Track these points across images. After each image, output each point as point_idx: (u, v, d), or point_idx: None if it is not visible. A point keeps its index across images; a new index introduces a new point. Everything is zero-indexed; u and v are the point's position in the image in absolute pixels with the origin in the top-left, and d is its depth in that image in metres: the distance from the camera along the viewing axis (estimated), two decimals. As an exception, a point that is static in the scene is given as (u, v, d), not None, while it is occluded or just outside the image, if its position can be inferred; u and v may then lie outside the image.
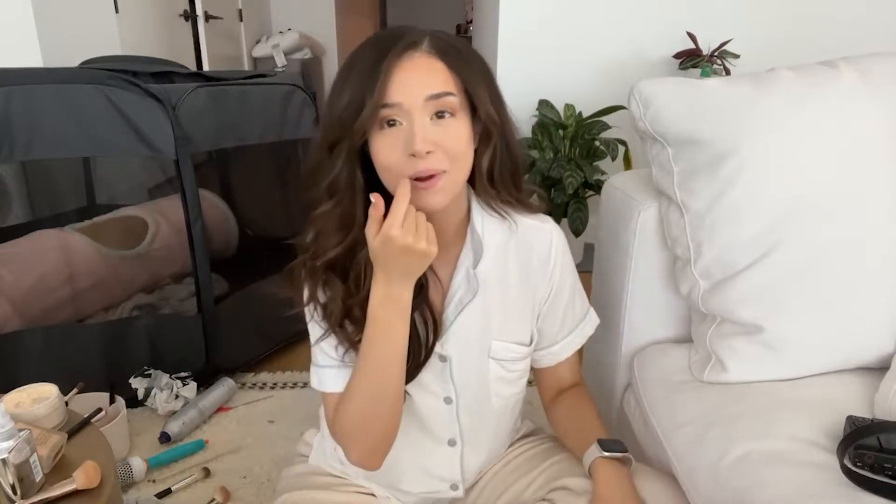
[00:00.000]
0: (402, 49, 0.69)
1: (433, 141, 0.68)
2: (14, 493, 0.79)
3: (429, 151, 0.68)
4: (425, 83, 0.69)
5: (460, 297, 0.82)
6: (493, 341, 0.85)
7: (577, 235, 2.45)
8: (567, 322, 0.91)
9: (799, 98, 0.92)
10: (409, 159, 0.68)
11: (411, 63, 0.69)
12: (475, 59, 0.74)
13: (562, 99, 2.60)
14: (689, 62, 2.49)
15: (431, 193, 0.70)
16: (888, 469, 0.70)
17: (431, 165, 0.69)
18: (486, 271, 0.81)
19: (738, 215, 0.92)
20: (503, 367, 0.87)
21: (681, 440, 0.91)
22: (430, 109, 0.69)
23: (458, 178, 0.73)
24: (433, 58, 0.70)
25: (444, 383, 0.85)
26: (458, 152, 0.71)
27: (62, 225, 1.80)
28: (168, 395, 1.58)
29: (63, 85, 1.45)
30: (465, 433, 0.89)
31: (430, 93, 0.68)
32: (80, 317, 1.72)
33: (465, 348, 0.84)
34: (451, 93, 0.69)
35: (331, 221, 0.74)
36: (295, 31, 4.67)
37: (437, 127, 0.69)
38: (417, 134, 0.67)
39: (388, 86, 0.67)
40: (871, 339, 0.92)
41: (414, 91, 0.68)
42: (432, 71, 0.69)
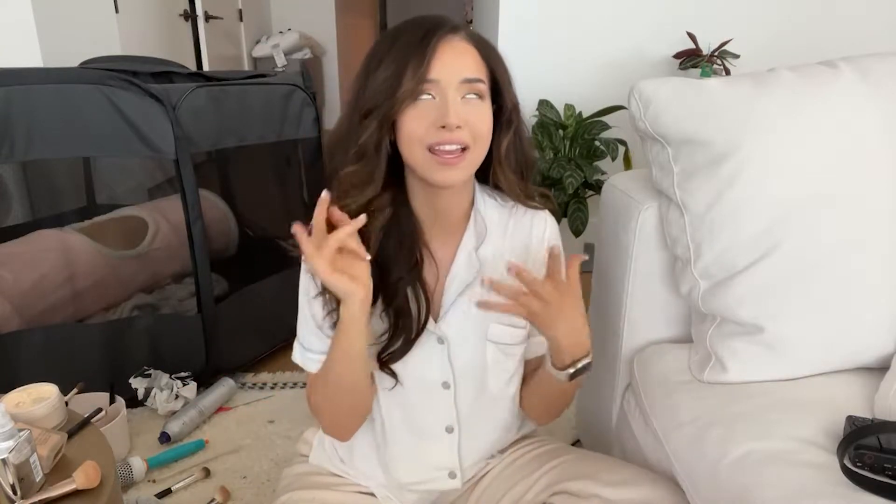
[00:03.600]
0: (446, 32, 0.75)
1: (464, 118, 0.74)
2: (14, 493, 0.79)
3: (458, 126, 0.73)
4: (463, 66, 0.75)
5: (462, 278, 0.85)
6: (491, 324, 0.86)
7: (577, 235, 2.45)
8: None
9: (799, 98, 0.92)
10: (437, 131, 0.74)
11: (451, 45, 0.75)
12: (500, 54, 0.81)
13: (562, 99, 2.60)
14: (689, 62, 2.49)
15: (455, 170, 0.76)
16: (888, 469, 0.70)
17: (459, 138, 0.74)
18: (489, 254, 0.85)
19: (737, 215, 0.92)
20: (500, 350, 0.88)
21: (681, 440, 0.91)
22: (462, 90, 0.75)
23: (477, 158, 0.78)
24: (470, 44, 0.77)
25: (442, 366, 0.86)
26: (482, 132, 0.77)
27: (62, 225, 1.80)
28: (168, 395, 1.58)
29: (63, 85, 1.45)
30: (462, 420, 0.90)
31: (465, 76, 0.75)
32: (80, 317, 1.72)
33: (464, 330, 0.86)
34: (481, 79, 0.76)
35: (355, 179, 0.78)
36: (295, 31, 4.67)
37: (466, 106, 0.75)
38: (451, 108, 0.73)
39: (432, 62, 0.74)
40: (871, 339, 0.92)
41: (453, 71, 0.74)
42: (469, 56, 0.76)
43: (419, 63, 0.73)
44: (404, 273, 0.81)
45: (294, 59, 4.69)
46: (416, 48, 0.74)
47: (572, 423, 1.56)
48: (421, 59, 0.73)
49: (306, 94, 1.92)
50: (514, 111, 0.82)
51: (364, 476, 0.95)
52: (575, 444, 1.43)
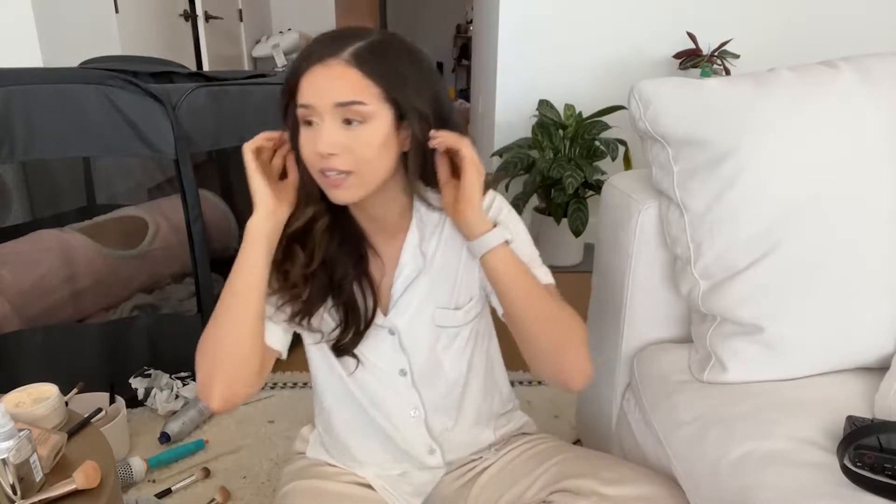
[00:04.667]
0: (320, 57, 0.74)
1: (340, 144, 0.74)
2: (14, 493, 0.79)
3: (332, 154, 0.74)
4: (334, 90, 0.73)
5: (408, 273, 0.87)
6: (436, 310, 0.89)
7: (577, 235, 2.45)
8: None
9: (799, 98, 0.92)
10: (317, 156, 0.75)
11: (325, 70, 0.74)
12: (409, 67, 0.77)
13: (562, 99, 2.60)
14: (689, 62, 2.49)
15: (342, 190, 0.77)
16: (888, 469, 0.70)
17: (333, 165, 0.75)
18: (433, 248, 0.88)
19: (737, 215, 0.92)
20: (448, 334, 0.90)
21: (681, 440, 0.91)
22: (339, 115, 0.74)
23: (367, 179, 0.77)
24: (349, 67, 0.73)
25: (396, 355, 0.90)
26: (365, 157, 0.75)
27: (62, 225, 1.80)
28: (168, 395, 1.58)
29: (63, 85, 1.45)
30: (426, 402, 0.93)
31: (337, 100, 0.73)
32: (80, 317, 1.72)
33: (413, 319, 0.89)
34: (359, 101, 0.73)
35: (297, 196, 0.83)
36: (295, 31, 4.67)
37: (346, 132, 0.74)
38: (323, 137, 0.74)
39: (302, 88, 0.75)
40: (871, 339, 0.92)
41: (323, 96, 0.74)
42: (345, 79, 0.73)
43: (292, 89, 0.76)
44: (350, 270, 0.85)
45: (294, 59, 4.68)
46: (292, 75, 0.76)
47: (572, 424, 1.56)
48: (293, 85, 0.76)
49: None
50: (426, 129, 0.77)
51: (360, 467, 0.97)
52: (575, 443, 1.43)
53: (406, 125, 0.77)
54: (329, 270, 0.85)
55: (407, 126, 0.77)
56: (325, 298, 0.86)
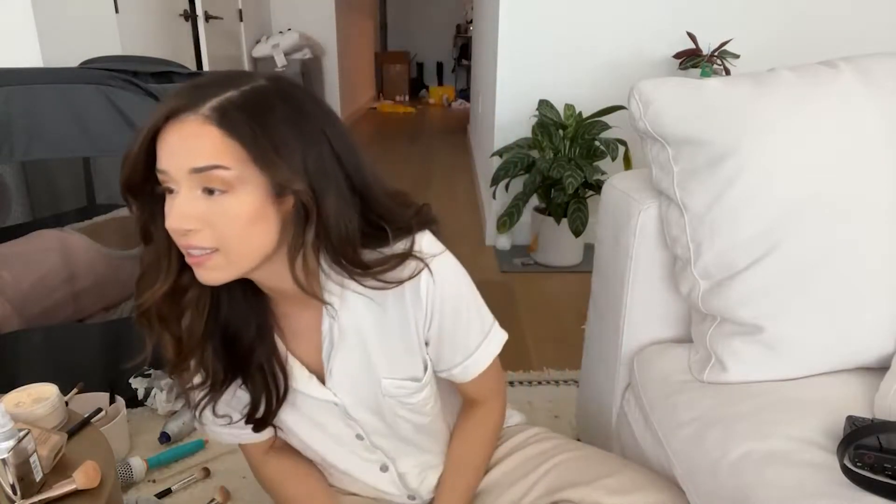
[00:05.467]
0: (173, 111, 0.62)
1: (197, 217, 0.62)
2: (14, 493, 0.79)
3: (188, 229, 0.62)
4: (189, 153, 0.61)
5: (329, 343, 0.78)
6: (381, 380, 0.81)
7: (577, 235, 2.45)
8: (460, 349, 0.82)
9: (799, 98, 0.92)
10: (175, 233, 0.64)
11: (179, 128, 0.61)
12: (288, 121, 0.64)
13: (562, 99, 2.60)
14: (689, 62, 2.49)
15: (208, 270, 0.65)
16: (888, 469, 0.70)
17: (192, 242, 0.63)
18: (351, 321, 0.77)
19: (737, 215, 0.92)
20: (400, 402, 0.82)
21: (681, 440, 0.91)
22: (197, 182, 0.62)
23: (235, 259, 0.65)
24: (208, 124, 0.61)
25: (348, 424, 0.85)
26: (228, 232, 0.63)
27: (62, 225, 1.80)
28: (168, 395, 1.58)
29: (63, 85, 1.45)
30: (392, 457, 0.90)
31: (192, 165, 0.61)
32: (80, 317, 1.72)
33: (355, 391, 0.82)
34: (220, 166, 0.61)
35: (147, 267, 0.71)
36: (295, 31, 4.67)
37: (207, 202, 0.62)
38: (173, 210, 0.62)
39: (159, 149, 0.63)
40: (871, 339, 0.92)
41: (177, 160, 0.62)
42: (200, 140, 0.61)
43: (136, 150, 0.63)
44: (254, 341, 0.77)
45: (294, 59, 4.69)
46: (140, 132, 0.63)
47: (572, 424, 1.56)
48: (137, 144, 0.63)
49: (306, 94, 1.92)
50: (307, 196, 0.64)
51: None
52: (575, 444, 1.43)
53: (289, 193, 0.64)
54: (227, 346, 0.76)
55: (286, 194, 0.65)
56: (232, 377, 0.78)
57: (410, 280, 0.73)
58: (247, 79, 0.65)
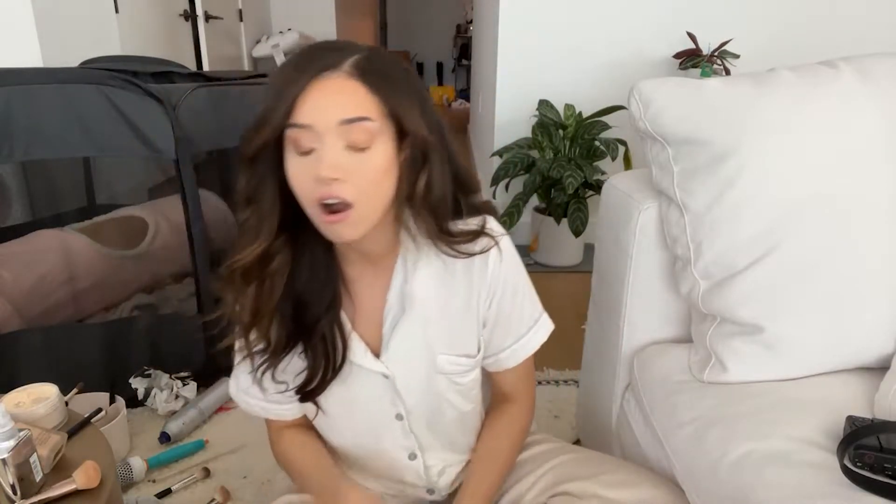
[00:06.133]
0: (319, 69, 0.65)
1: (343, 168, 0.66)
2: (14, 493, 0.79)
3: (335, 178, 0.66)
4: (339, 106, 0.65)
5: (394, 315, 0.81)
6: (437, 356, 0.83)
7: (577, 235, 2.45)
8: (512, 331, 0.87)
9: (799, 98, 0.92)
10: (317, 183, 0.66)
11: (325, 83, 0.65)
12: (405, 79, 0.70)
13: (562, 99, 2.60)
14: (689, 62, 2.49)
15: (343, 226, 0.69)
16: (888, 469, 0.70)
17: (335, 192, 0.66)
18: (421, 288, 0.79)
19: (737, 215, 0.92)
20: (451, 380, 0.85)
21: (681, 440, 0.91)
22: (343, 135, 0.66)
23: (368, 212, 0.70)
24: (352, 79, 0.66)
25: (392, 401, 0.85)
26: (369, 185, 0.68)
27: (62, 225, 1.80)
28: (168, 395, 1.58)
29: (63, 85, 1.45)
30: (423, 445, 0.89)
31: (343, 117, 0.65)
32: (80, 317, 1.72)
33: (409, 365, 0.83)
34: (366, 117, 0.66)
35: (246, 230, 0.75)
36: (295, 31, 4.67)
37: (349, 156, 0.66)
38: (325, 158, 0.65)
39: (299, 106, 0.65)
40: (871, 339, 0.92)
41: (326, 113, 0.65)
42: (348, 93, 0.66)
43: (280, 108, 0.65)
44: (321, 312, 0.78)
45: (294, 60, 4.68)
46: (280, 91, 0.66)
47: (572, 424, 1.56)
48: (283, 102, 0.65)
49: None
50: (426, 146, 0.70)
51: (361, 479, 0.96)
52: (575, 443, 1.43)
53: (404, 145, 0.70)
54: (297, 311, 0.78)
55: (405, 146, 0.70)
56: (293, 344, 0.80)
57: (481, 255, 0.78)
58: (359, 45, 0.70)
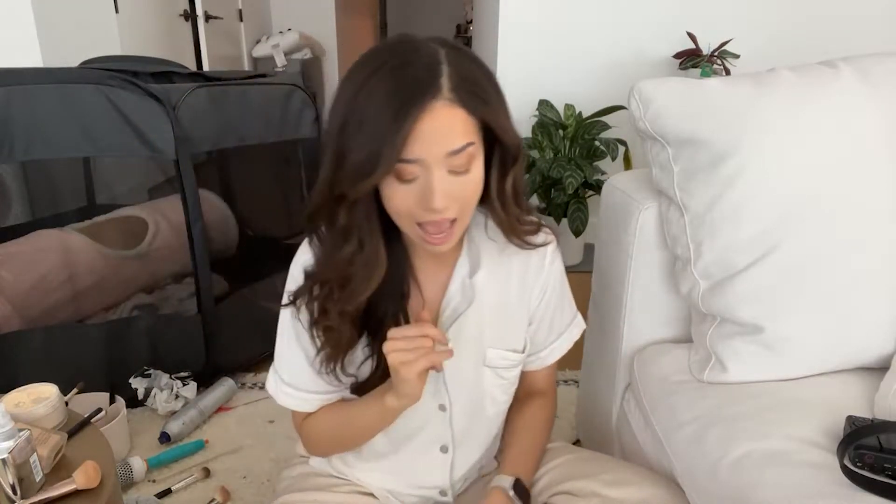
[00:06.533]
0: (420, 97, 0.64)
1: (452, 195, 0.68)
2: (14, 493, 0.79)
3: (447, 207, 0.68)
4: (447, 138, 0.66)
5: (455, 306, 0.82)
6: (487, 349, 0.85)
7: (577, 235, 2.45)
8: (555, 327, 0.92)
9: (799, 98, 0.92)
10: (424, 211, 0.68)
11: (432, 116, 0.64)
12: (492, 85, 0.70)
13: (562, 99, 2.60)
14: (689, 62, 2.49)
15: (444, 243, 0.72)
16: (888, 469, 0.70)
17: (445, 217, 0.69)
18: (483, 281, 0.82)
19: (737, 215, 0.92)
20: (497, 374, 0.87)
21: (681, 440, 0.91)
22: (448, 162, 0.67)
23: (465, 222, 0.74)
24: (455, 106, 0.65)
25: (437, 391, 0.85)
26: (470, 201, 0.72)
27: (62, 225, 1.80)
28: (168, 395, 1.58)
29: (63, 85, 1.45)
30: (457, 439, 0.89)
31: (451, 148, 0.66)
32: (80, 317, 1.72)
33: (460, 356, 0.82)
34: (471, 143, 0.67)
35: (355, 266, 0.73)
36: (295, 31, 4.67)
37: (454, 179, 0.68)
38: (437, 191, 0.66)
39: (409, 144, 0.64)
40: (871, 339, 0.92)
41: (435, 147, 0.65)
42: (454, 122, 0.66)
43: (393, 144, 0.64)
44: (390, 307, 0.79)
45: (294, 59, 4.69)
46: (387, 126, 0.63)
47: (572, 424, 1.56)
48: (394, 138, 0.63)
49: (306, 94, 1.92)
50: (516, 150, 0.73)
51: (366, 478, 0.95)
52: (575, 443, 1.43)
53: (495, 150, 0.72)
54: (368, 304, 0.78)
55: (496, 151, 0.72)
56: (358, 338, 0.80)
57: (538, 249, 0.83)
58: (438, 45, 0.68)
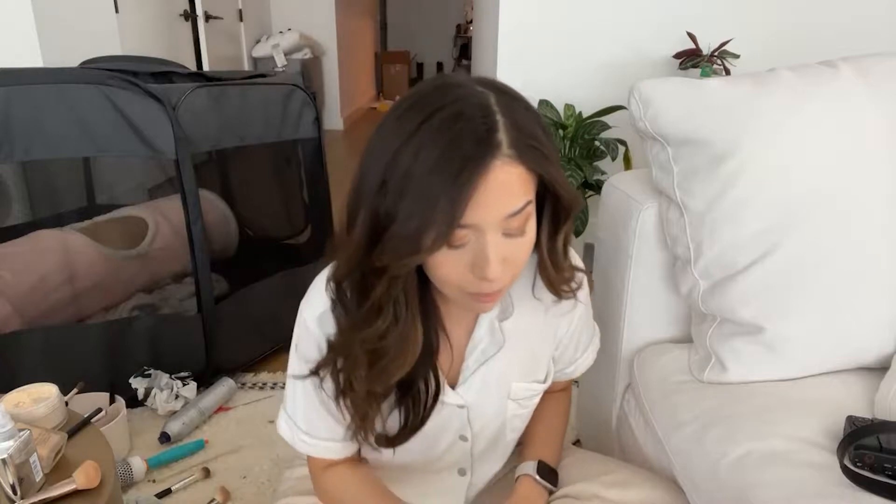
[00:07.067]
0: (483, 157, 0.56)
1: (504, 260, 0.61)
2: (14, 493, 0.79)
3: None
4: (506, 200, 0.59)
5: (483, 349, 0.78)
6: (512, 383, 0.82)
7: (576, 235, 2.45)
8: (581, 345, 0.91)
9: (799, 98, 0.92)
10: (476, 280, 0.61)
11: (492, 178, 0.57)
12: (546, 134, 0.62)
13: (562, 99, 2.60)
14: (689, 62, 2.49)
15: (491, 304, 0.67)
16: (888, 469, 0.70)
17: (499, 284, 0.63)
18: (512, 326, 0.78)
19: (738, 215, 0.92)
20: (520, 404, 0.85)
21: (681, 440, 0.91)
22: (504, 225, 0.60)
23: (513, 280, 0.66)
24: (514, 163, 0.58)
25: (461, 426, 0.82)
26: (522, 265, 0.65)
27: (62, 225, 1.80)
28: (168, 395, 1.58)
29: (63, 85, 1.45)
30: (475, 464, 0.88)
31: (510, 211, 0.59)
32: (80, 317, 1.72)
33: (485, 394, 0.80)
34: (529, 201, 0.61)
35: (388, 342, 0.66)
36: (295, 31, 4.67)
37: (508, 242, 0.61)
38: (492, 259, 0.59)
39: (469, 208, 0.57)
40: (871, 339, 0.92)
41: (494, 210, 0.58)
42: (513, 182, 0.58)
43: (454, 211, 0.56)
44: (420, 366, 0.72)
45: (294, 59, 4.69)
46: (449, 185, 0.55)
47: (572, 424, 1.56)
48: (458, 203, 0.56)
49: (306, 94, 1.92)
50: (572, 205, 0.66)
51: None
52: (575, 443, 1.43)
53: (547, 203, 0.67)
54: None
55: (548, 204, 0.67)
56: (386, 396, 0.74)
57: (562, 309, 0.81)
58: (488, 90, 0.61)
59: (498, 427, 0.86)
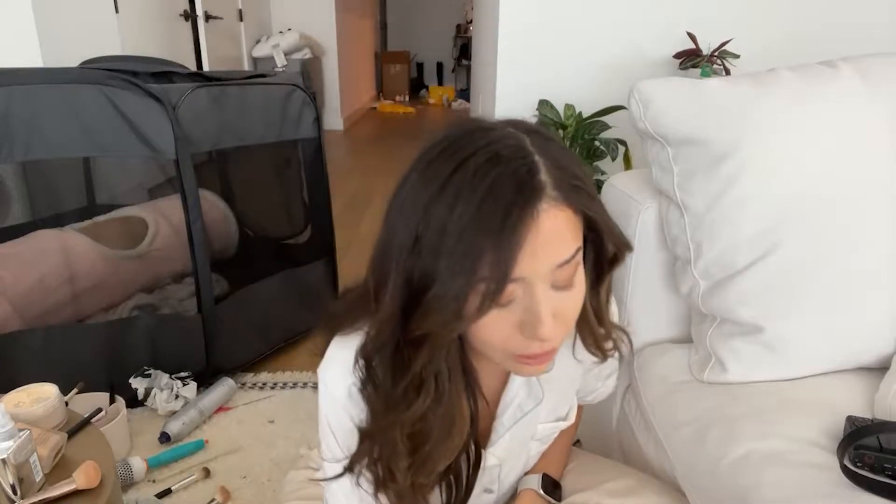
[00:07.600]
0: (529, 202, 0.51)
1: (556, 316, 0.55)
2: (14, 493, 0.79)
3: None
4: (557, 248, 0.53)
5: (520, 404, 0.73)
6: (538, 426, 0.78)
7: (577, 235, 2.45)
8: (601, 377, 0.89)
9: (799, 98, 0.92)
10: (525, 341, 0.55)
11: (540, 224, 0.51)
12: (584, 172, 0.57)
13: (562, 99, 2.60)
14: (689, 62, 2.49)
15: (543, 365, 0.59)
16: (888, 469, 0.70)
17: (553, 346, 0.57)
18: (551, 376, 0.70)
19: (738, 215, 0.92)
20: (542, 441, 0.83)
21: (681, 440, 0.91)
22: (553, 277, 0.54)
23: (564, 337, 0.60)
24: (561, 206, 0.53)
25: (490, 482, 0.79)
26: (573, 322, 0.59)
27: (62, 225, 1.80)
28: (168, 395, 1.58)
29: (63, 85, 1.45)
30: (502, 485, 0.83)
31: (561, 259, 0.53)
32: (80, 317, 1.72)
33: (515, 447, 0.78)
34: (579, 247, 0.55)
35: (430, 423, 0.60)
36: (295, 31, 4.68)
37: (557, 296, 0.55)
38: (544, 317, 0.53)
39: (517, 261, 0.51)
40: (871, 339, 0.92)
41: (544, 260, 0.52)
42: (562, 227, 0.53)
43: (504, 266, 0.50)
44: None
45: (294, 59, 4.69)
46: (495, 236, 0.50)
47: (572, 423, 1.56)
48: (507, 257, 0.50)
49: (306, 94, 1.92)
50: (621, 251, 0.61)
51: None
52: (575, 444, 1.43)
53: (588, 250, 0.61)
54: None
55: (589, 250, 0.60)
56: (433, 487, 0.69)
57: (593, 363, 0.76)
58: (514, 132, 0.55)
59: (520, 471, 0.84)
